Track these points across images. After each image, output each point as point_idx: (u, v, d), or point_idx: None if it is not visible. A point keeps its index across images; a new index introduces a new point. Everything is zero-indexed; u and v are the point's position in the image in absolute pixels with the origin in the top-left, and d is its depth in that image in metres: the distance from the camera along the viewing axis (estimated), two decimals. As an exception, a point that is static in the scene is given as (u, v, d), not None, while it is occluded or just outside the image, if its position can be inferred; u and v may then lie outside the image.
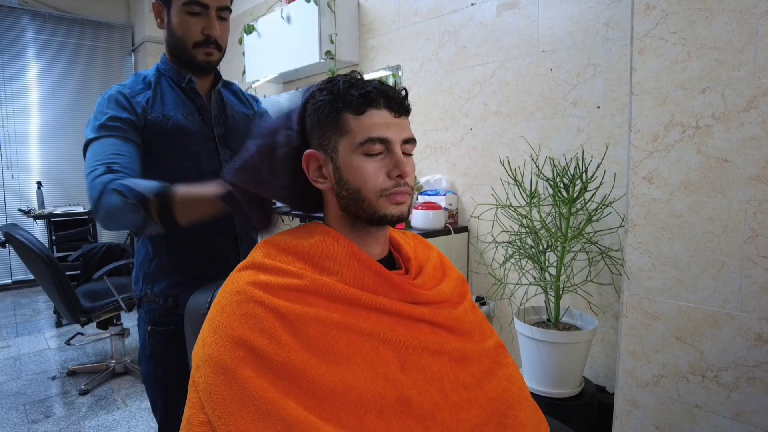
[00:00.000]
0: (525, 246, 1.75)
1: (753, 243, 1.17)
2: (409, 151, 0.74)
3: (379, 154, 0.70)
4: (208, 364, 0.59)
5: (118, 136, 0.99)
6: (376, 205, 0.70)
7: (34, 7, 4.38)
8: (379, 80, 0.73)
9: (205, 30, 1.04)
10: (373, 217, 0.71)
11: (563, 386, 1.64)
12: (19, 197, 4.37)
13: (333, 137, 0.71)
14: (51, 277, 2.13)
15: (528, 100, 2.05)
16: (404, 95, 0.73)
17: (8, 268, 4.39)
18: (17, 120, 4.34)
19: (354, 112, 0.69)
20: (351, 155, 0.69)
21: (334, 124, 0.70)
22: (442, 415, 0.65)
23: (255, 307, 0.63)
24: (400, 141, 0.71)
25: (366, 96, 0.69)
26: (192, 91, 1.10)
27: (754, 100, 1.14)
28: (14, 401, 2.26)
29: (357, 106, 0.69)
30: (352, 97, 0.69)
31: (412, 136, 0.73)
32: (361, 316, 0.66)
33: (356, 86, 0.70)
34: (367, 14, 2.79)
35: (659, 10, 1.28)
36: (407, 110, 0.73)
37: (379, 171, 0.69)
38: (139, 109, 1.03)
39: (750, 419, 1.20)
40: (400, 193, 0.70)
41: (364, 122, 0.69)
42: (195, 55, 1.06)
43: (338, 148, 0.70)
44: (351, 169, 0.70)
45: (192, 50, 1.05)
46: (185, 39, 1.05)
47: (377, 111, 0.69)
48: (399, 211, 0.71)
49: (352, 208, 0.71)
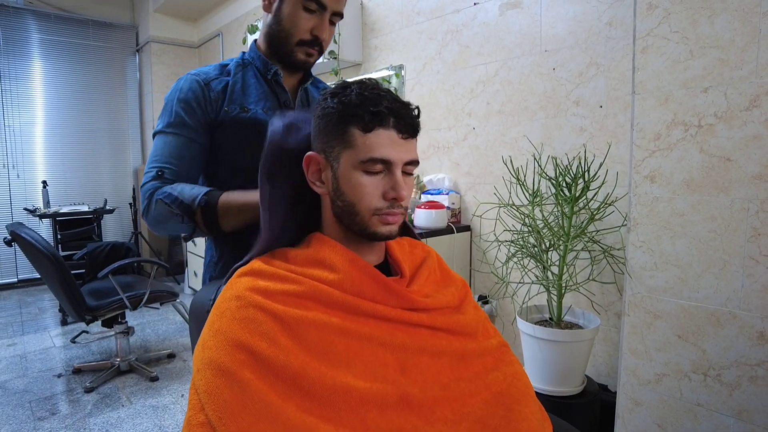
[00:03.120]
0: (527, 245, 1.76)
1: (755, 242, 1.17)
2: (410, 172, 0.73)
3: (378, 173, 0.70)
4: (208, 367, 0.60)
5: (183, 136, 0.97)
6: (368, 222, 0.71)
7: (39, 7, 4.40)
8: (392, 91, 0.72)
9: (315, 30, 0.99)
10: (363, 233, 0.72)
11: (565, 385, 1.64)
12: (25, 196, 4.40)
13: (337, 147, 0.70)
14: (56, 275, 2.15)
15: (531, 99, 2.05)
16: (416, 115, 0.72)
17: (14, 266, 4.42)
18: (23, 120, 4.37)
19: (362, 128, 0.68)
20: (351, 169, 0.69)
21: (340, 135, 0.70)
22: (443, 411, 0.65)
23: (254, 311, 0.63)
24: (402, 163, 0.70)
25: (377, 115, 0.68)
26: (277, 85, 1.05)
27: (757, 99, 1.14)
28: (20, 398, 2.28)
29: (366, 123, 0.68)
30: (362, 112, 0.68)
31: (416, 158, 0.73)
32: (359, 321, 0.67)
33: (369, 101, 0.68)
34: (370, 14, 2.80)
35: (662, 9, 1.28)
36: (415, 131, 0.72)
37: (376, 190, 0.70)
38: (214, 95, 0.99)
39: (752, 418, 1.20)
40: (392, 215, 0.71)
41: (370, 140, 0.68)
42: (295, 53, 1.01)
43: (340, 159, 0.70)
44: (349, 183, 0.70)
45: (295, 46, 1.00)
46: (292, 33, 0.99)
47: (385, 130, 0.68)
48: (388, 230, 0.72)
49: (345, 220, 0.72)
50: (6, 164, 4.33)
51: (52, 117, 4.51)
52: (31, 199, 4.38)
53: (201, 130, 0.99)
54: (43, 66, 4.46)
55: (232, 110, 1.00)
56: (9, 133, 4.31)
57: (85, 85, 4.65)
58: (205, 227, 0.87)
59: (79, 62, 4.61)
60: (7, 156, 4.33)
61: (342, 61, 2.76)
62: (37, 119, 4.45)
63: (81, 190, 4.63)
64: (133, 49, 4.91)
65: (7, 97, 4.28)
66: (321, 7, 0.97)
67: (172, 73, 4.68)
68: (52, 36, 4.47)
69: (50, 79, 4.48)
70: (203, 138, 0.99)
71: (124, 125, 4.89)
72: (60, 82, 4.53)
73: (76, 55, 4.60)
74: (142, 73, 4.90)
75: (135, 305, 2.39)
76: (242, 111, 1.00)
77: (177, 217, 0.87)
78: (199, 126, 0.98)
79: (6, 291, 4.33)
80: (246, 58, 1.07)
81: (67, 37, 4.54)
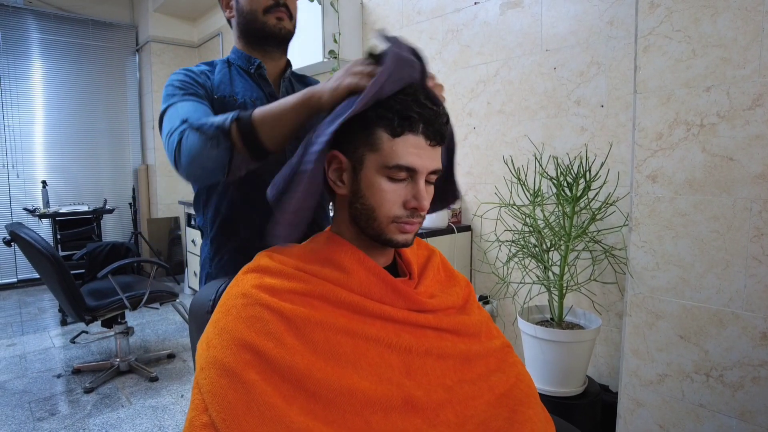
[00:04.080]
0: (528, 245, 1.75)
1: (758, 242, 1.17)
2: (432, 181, 0.72)
3: (402, 181, 0.69)
4: (213, 366, 0.60)
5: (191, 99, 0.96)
6: (385, 229, 0.70)
7: (38, 7, 4.40)
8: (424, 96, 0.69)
9: None
10: (378, 238, 0.71)
11: (567, 385, 1.64)
12: (25, 196, 4.39)
13: (362, 148, 0.69)
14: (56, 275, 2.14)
15: (531, 98, 2.04)
16: (444, 122, 0.71)
17: (13, 266, 4.42)
18: (22, 119, 4.36)
19: (390, 132, 0.67)
20: (375, 174, 0.68)
21: (366, 137, 0.68)
22: (447, 413, 0.65)
23: (261, 310, 0.63)
24: (426, 172, 0.69)
25: (407, 119, 0.66)
26: (261, 78, 1.09)
27: (760, 98, 1.14)
28: (20, 399, 2.27)
29: (395, 127, 0.66)
30: (392, 115, 0.66)
31: (440, 167, 0.72)
32: (366, 322, 0.67)
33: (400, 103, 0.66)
34: (370, 13, 2.79)
35: (664, 8, 1.27)
36: (444, 138, 0.71)
37: (397, 197, 0.69)
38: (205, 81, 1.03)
39: (755, 419, 1.20)
40: (410, 224, 0.70)
41: (398, 146, 0.67)
42: (267, 22, 1.04)
43: (364, 161, 0.69)
44: (371, 187, 0.69)
45: (263, 17, 1.04)
46: (254, 8, 1.03)
47: (414, 136, 0.67)
48: (404, 239, 0.71)
49: (362, 223, 0.71)
50: (6, 164, 4.32)
51: (52, 117, 4.50)
52: (30, 199, 4.37)
53: (204, 98, 1.00)
54: (43, 66, 4.45)
55: (222, 96, 1.03)
56: (8, 133, 4.31)
57: (85, 84, 4.64)
58: (243, 146, 0.79)
59: (78, 62, 4.60)
60: (7, 156, 4.32)
61: (342, 60, 2.76)
62: (36, 119, 4.44)
63: (81, 190, 4.62)
64: (132, 49, 4.90)
65: (7, 96, 4.28)
66: None
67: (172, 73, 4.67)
68: (52, 36, 4.46)
69: (50, 78, 4.48)
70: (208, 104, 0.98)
71: (124, 125, 4.89)
72: (60, 81, 4.52)
73: (75, 54, 4.59)
74: (142, 73, 4.89)
75: (135, 305, 2.39)
76: (231, 98, 1.03)
77: (212, 143, 0.79)
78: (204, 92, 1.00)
79: (5, 291, 4.33)
80: (230, 60, 1.11)
81: (66, 37, 4.53)
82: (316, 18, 2.68)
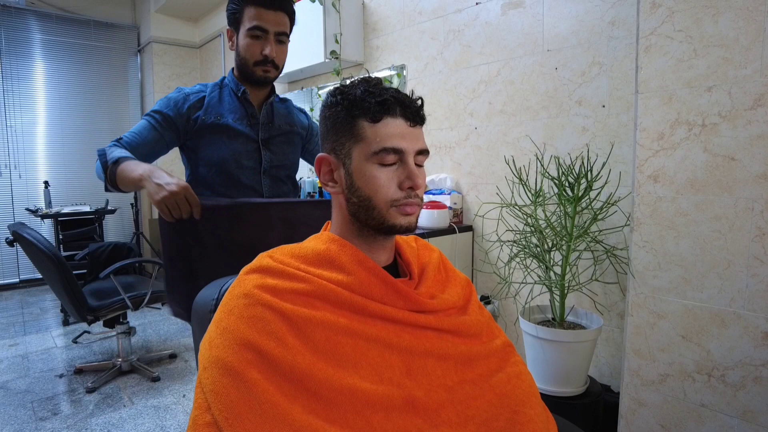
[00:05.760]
0: (530, 245, 1.75)
1: (760, 241, 1.17)
2: (421, 163, 0.74)
3: (392, 165, 0.70)
4: (215, 365, 0.60)
5: (149, 123, 1.26)
6: (386, 215, 0.70)
7: (40, 8, 4.41)
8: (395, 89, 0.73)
9: (264, 51, 1.24)
10: (381, 226, 0.71)
11: (568, 385, 1.64)
12: (27, 197, 4.40)
13: (347, 143, 0.71)
14: (58, 275, 2.15)
15: (533, 99, 2.04)
16: (420, 104, 0.73)
17: (16, 267, 4.43)
18: (24, 120, 4.37)
19: (370, 119, 0.69)
20: (364, 163, 0.70)
21: (349, 130, 0.70)
22: (448, 413, 0.65)
23: (263, 310, 0.63)
24: (413, 152, 0.71)
25: (383, 104, 0.69)
26: (245, 101, 1.32)
27: (762, 98, 1.14)
28: (22, 399, 2.28)
29: (373, 113, 0.69)
30: (368, 104, 0.69)
31: (426, 148, 0.73)
32: (367, 322, 0.67)
33: (373, 94, 0.70)
34: (371, 14, 2.80)
35: (665, 8, 1.27)
36: (422, 119, 0.73)
37: (391, 181, 0.70)
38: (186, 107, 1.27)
39: (757, 419, 1.20)
40: (410, 205, 0.71)
41: (380, 131, 0.69)
42: (255, 72, 1.27)
43: (352, 155, 0.71)
44: (364, 177, 0.70)
45: (253, 67, 1.26)
46: (248, 58, 1.25)
47: (393, 119, 0.69)
48: (408, 222, 0.71)
49: (362, 215, 0.72)
50: (8, 164, 4.33)
51: (54, 117, 4.51)
52: (32, 200, 4.38)
53: (166, 126, 1.26)
54: (45, 66, 4.46)
55: (208, 118, 1.27)
56: (11, 134, 4.32)
57: (87, 85, 4.65)
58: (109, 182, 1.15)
59: (80, 62, 4.61)
60: (9, 156, 4.33)
61: (344, 60, 2.76)
62: (38, 119, 4.45)
63: (82, 190, 4.62)
64: (134, 50, 4.91)
65: (9, 97, 4.29)
66: (263, 31, 1.23)
67: (173, 74, 4.69)
68: (54, 36, 4.47)
69: (52, 79, 4.49)
70: (166, 132, 1.27)
71: (126, 125, 4.89)
72: (61, 82, 4.53)
73: (77, 55, 4.60)
74: (144, 74, 4.90)
75: (136, 305, 2.39)
76: (217, 119, 1.28)
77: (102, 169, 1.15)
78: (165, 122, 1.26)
79: (8, 291, 4.34)
80: (225, 81, 1.35)
81: (68, 38, 4.54)
82: (318, 18, 2.68)
